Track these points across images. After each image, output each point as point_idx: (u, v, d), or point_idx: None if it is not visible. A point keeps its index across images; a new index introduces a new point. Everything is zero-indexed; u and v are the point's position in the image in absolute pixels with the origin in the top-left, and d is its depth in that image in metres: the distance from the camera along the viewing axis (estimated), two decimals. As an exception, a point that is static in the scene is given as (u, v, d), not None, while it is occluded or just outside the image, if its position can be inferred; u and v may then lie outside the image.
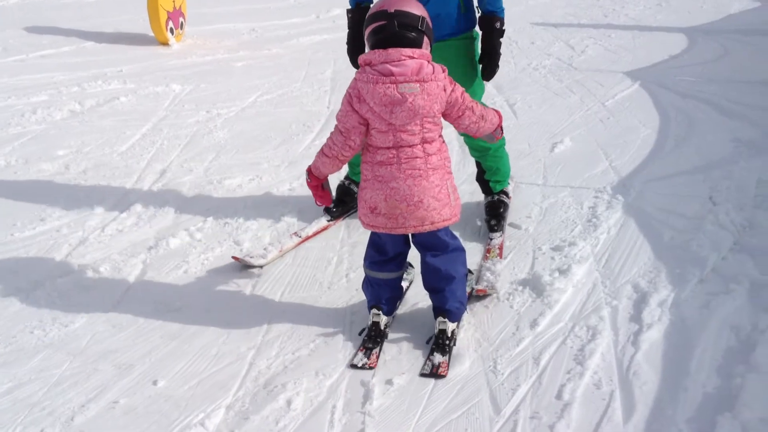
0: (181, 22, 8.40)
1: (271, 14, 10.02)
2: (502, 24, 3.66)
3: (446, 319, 3.02)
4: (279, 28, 9.19)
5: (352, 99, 2.81)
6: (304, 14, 10.05)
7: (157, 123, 5.72)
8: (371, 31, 2.80)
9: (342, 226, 4.09)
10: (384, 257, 3.08)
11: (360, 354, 2.99)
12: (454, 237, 3.10)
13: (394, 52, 2.70)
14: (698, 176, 4.58)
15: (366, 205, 2.92)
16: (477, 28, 3.74)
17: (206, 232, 4.05)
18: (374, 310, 3.09)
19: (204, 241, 3.96)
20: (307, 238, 3.97)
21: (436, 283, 3.06)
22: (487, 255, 3.74)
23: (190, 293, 3.47)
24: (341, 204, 4.18)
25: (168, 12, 8.04)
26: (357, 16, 3.75)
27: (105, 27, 8.83)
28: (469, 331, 3.13)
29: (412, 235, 3.03)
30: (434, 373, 2.88)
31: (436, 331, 3.03)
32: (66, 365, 2.93)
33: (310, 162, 3.12)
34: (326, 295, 3.44)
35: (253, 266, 3.68)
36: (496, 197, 4.10)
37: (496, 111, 3.12)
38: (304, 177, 4.61)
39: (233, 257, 3.73)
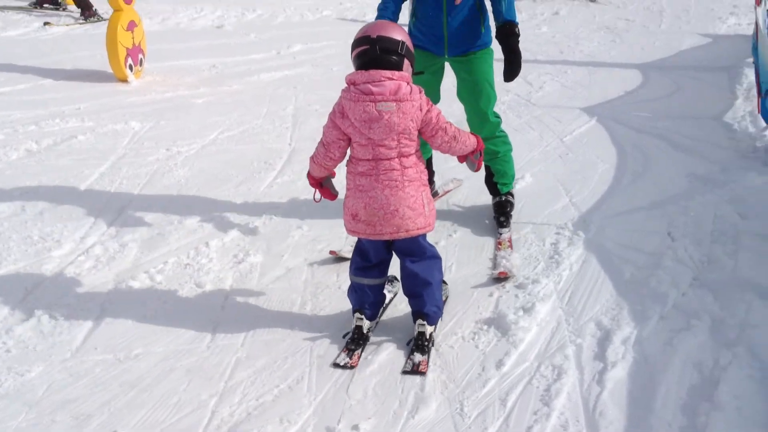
0: (141, 59, 8.34)
1: (232, 50, 10.01)
2: (518, 30, 4.14)
3: (425, 322, 3.26)
4: (239, 64, 9.18)
5: (336, 115, 3.14)
6: (264, 50, 10.05)
7: (116, 161, 5.65)
8: (356, 55, 3.11)
9: (305, 267, 4.06)
10: (367, 263, 3.33)
11: (343, 354, 3.23)
12: (432, 245, 3.38)
13: (375, 74, 3.02)
14: (656, 212, 4.65)
15: (348, 212, 3.21)
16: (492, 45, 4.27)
17: (167, 274, 3.99)
18: (357, 314, 3.34)
19: (164, 283, 3.90)
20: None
21: (414, 288, 3.29)
22: (499, 247, 4.20)
23: (150, 339, 3.40)
24: None
25: (127, 48, 7.98)
26: None
27: (63, 64, 8.73)
28: (435, 372, 3.12)
29: (393, 242, 3.28)
30: (415, 370, 3.12)
31: (415, 333, 3.27)
32: (22, 416, 2.85)
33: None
34: (290, 338, 3.40)
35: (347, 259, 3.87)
36: (503, 197, 4.57)
37: (476, 136, 3.39)
38: (266, 215, 4.65)
39: (331, 252, 4.11)
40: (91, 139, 6.16)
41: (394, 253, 3.36)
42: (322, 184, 3.45)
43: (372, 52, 3.04)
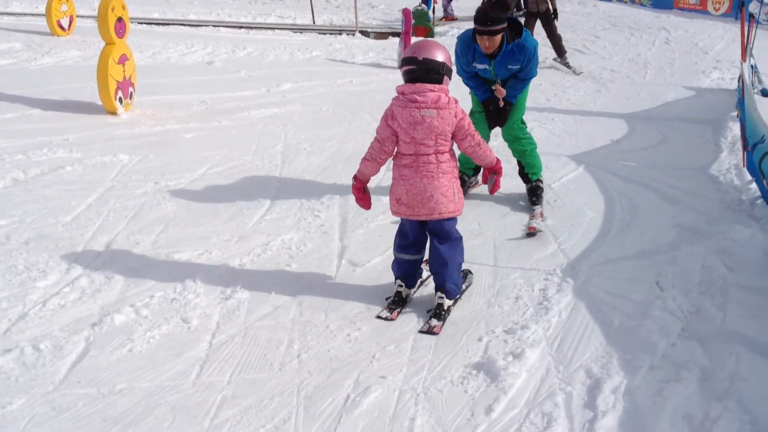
0: (131, 92, 8.34)
1: (222, 86, 10.05)
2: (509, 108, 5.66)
3: (444, 296, 3.92)
4: (229, 100, 9.20)
5: (387, 117, 3.84)
6: (254, 87, 10.10)
7: (104, 193, 5.61)
8: (405, 72, 3.81)
9: (293, 305, 4.03)
10: (406, 242, 4.05)
11: (385, 311, 3.97)
12: (458, 231, 4.04)
13: (420, 86, 3.73)
14: (644, 261, 4.67)
15: (393, 197, 3.93)
16: None
17: (153, 308, 3.94)
18: (399, 282, 4.08)
19: (150, 317, 3.85)
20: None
21: (438, 266, 3.95)
22: (533, 216, 5.37)
23: (134, 374, 3.35)
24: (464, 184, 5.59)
25: (117, 81, 7.98)
26: None
27: (52, 95, 8.71)
28: (424, 416, 3.09)
29: (427, 224, 3.95)
30: (430, 331, 3.78)
31: (435, 304, 3.93)
32: (1, 451, 2.78)
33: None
34: (277, 377, 3.36)
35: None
36: (533, 183, 5.75)
37: (497, 159, 4.11)
38: (254, 252, 4.62)
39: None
40: (79, 170, 6.12)
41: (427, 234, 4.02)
42: (364, 190, 4.06)
43: (418, 71, 3.74)
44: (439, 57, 3.76)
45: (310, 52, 13.68)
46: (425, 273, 4.34)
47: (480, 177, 5.86)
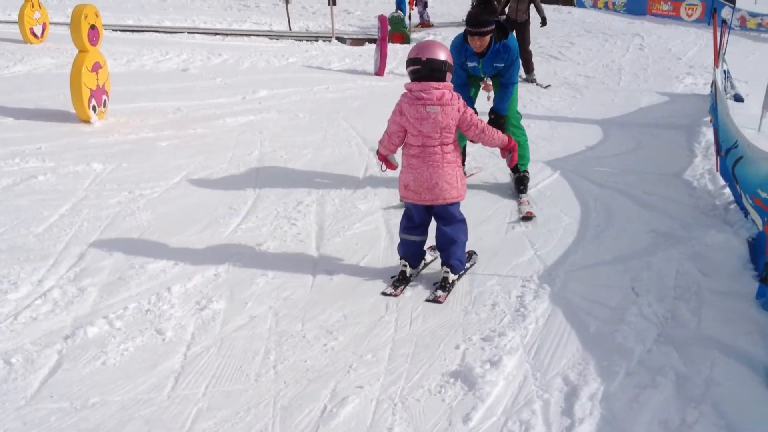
0: (104, 100, 8.27)
1: (197, 94, 9.99)
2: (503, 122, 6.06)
3: (449, 270, 4.33)
4: (205, 107, 9.15)
5: (396, 113, 4.22)
6: (230, 95, 10.06)
7: (77, 203, 5.54)
8: (410, 71, 4.18)
9: (269, 315, 4.00)
10: (412, 224, 4.42)
11: (390, 288, 4.29)
12: (461, 213, 4.42)
13: (425, 85, 4.10)
14: (619, 266, 4.69)
15: (402, 183, 4.32)
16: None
17: (127, 320, 3.89)
18: (403, 262, 4.42)
19: (124, 329, 3.80)
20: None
21: (444, 244, 4.37)
22: (521, 203, 5.88)
23: (108, 387, 3.30)
24: None
25: (91, 89, 7.91)
26: None
27: (24, 103, 8.61)
28: (402, 426, 3.07)
29: (432, 208, 4.33)
30: (435, 300, 4.19)
31: (441, 277, 4.36)
32: (-30, 468, 2.72)
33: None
34: (253, 388, 3.33)
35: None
36: (522, 174, 6.23)
37: (509, 137, 4.49)
38: (230, 261, 4.59)
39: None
40: (52, 179, 6.04)
41: (433, 217, 4.41)
42: (387, 158, 4.45)
43: (423, 71, 4.10)
44: (442, 56, 4.12)
45: (287, 58, 13.66)
46: (429, 257, 4.71)
47: (468, 170, 6.56)
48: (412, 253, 4.44)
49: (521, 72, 11.59)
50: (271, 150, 7.30)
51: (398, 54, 14.60)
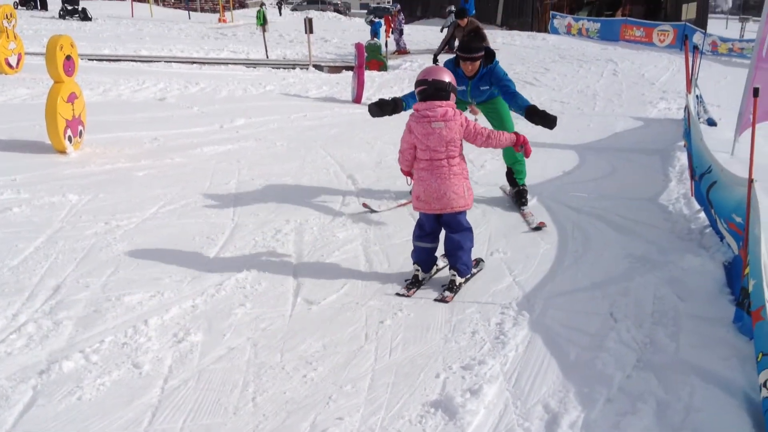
0: (80, 130, 8.23)
1: (174, 123, 9.98)
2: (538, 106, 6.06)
3: (456, 274, 4.75)
4: (182, 137, 9.13)
5: (406, 132, 4.71)
6: (207, 123, 10.05)
7: (52, 235, 5.49)
8: (418, 92, 4.68)
9: (248, 347, 3.96)
10: (424, 233, 4.85)
11: (403, 290, 4.72)
12: (468, 222, 4.83)
13: (430, 104, 4.58)
14: (597, 292, 4.71)
15: (414, 195, 4.78)
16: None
17: (103, 353, 3.83)
18: (416, 266, 4.87)
19: (100, 363, 3.74)
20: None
21: (452, 250, 4.78)
22: (525, 216, 6.30)
23: (84, 423, 3.24)
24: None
25: (66, 120, 7.87)
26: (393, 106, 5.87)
27: (-1, 133, 8.55)
28: (382, 458, 3.04)
29: (441, 216, 4.74)
30: (443, 299, 4.60)
31: (449, 280, 4.76)
32: None
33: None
34: (232, 422, 3.29)
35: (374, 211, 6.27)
36: (520, 187, 6.73)
37: (516, 134, 4.97)
38: (208, 292, 4.55)
39: (363, 204, 6.46)
40: (27, 211, 5.98)
41: (442, 225, 4.82)
42: (410, 173, 4.89)
43: (429, 90, 4.60)
44: (446, 78, 4.63)
45: (264, 86, 13.70)
46: (441, 263, 5.08)
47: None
48: (423, 259, 4.87)
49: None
50: (249, 179, 7.29)
51: (375, 81, 14.69)
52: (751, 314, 3.74)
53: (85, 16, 31.57)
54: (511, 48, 21.47)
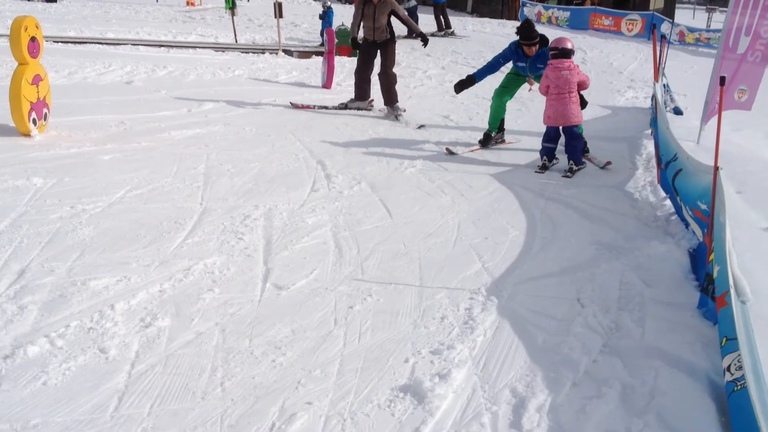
0: (45, 113, 8.08)
1: (141, 106, 9.84)
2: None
3: (573, 163, 7.43)
4: (149, 120, 9.01)
5: (544, 77, 7.48)
6: (175, 107, 9.93)
7: (16, 219, 5.39)
8: (551, 54, 7.47)
9: (216, 332, 3.94)
10: (549, 138, 7.57)
11: (540, 170, 7.48)
12: (579, 132, 7.50)
13: (560, 61, 7.37)
14: (565, 278, 4.76)
15: (546, 115, 7.51)
16: None
17: (68, 338, 3.78)
18: (545, 158, 7.56)
19: (66, 348, 3.69)
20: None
21: (570, 149, 7.47)
22: (591, 160, 8.06)
23: (49, 408, 3.20)
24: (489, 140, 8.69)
25: (31, 102, 7.72)
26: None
27: (-40, 115, 8.37)
28: (351, 442, 3.05)
29: (563, 128, 7.45)
30: (566, 175, 7.34)
31: (567, 167, 7.42)
32: None
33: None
34: (200, 407, 3.27)
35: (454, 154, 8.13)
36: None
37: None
38: (176, 277, 4.51)
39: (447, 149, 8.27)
40: (-10, 194, 5.87)
41: (562, 133, 7.53)
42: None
43: (558, 53, 7.43)
44: (568, 45, 7.47)
45: (233, 71, 13.57)
46: (555, 160, 7.71)
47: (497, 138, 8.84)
48: (548, 154, 7.56)
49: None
50: (217, 163, 7.23)
51: (345, 66, 14.62)
52: (715, 300, 3.80)
53: (50, -3, 30.95)
54: (481, 35, 21.51)
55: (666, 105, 9.73)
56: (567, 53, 7.35)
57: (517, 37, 8.14)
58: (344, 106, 10.53)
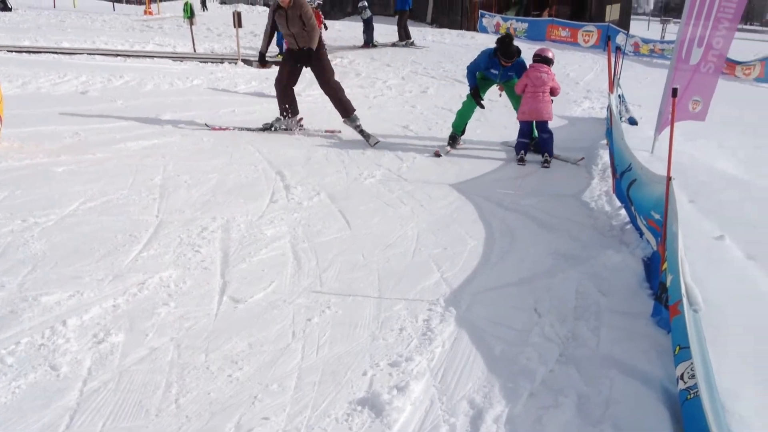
0: (-3, 124, 7.92)
1: (97, 117, 9.68)
2: None
3: (547, 154, 8.42)
4: (105, 131, 8.88)
5: (524, 77, 8.50)
6: (131, 118, 9.78)
7: (-35, 233, 5.27)
8: (534, 60, 8.59)
9: (171, 347, 3.88)
10: (523, 133, 8.57)
11: (520, 163, 8.43)
12: (549, 128, 8.55)
13: (540, 65, 8.50)
14: (523, 288, 4.78)
15: (521, 111, 8.56)
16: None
17: (19, 355, 3.70)
18: (521, 153, 8.49)
19: (16, 366, 3.61)
20: None
21: (542, 142, 8.49)
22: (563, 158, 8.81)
23: (-3, 428, 3.13)
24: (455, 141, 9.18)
25: (-18, 113, 7.57)
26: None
27: None
28: (308, 457, 3.02)
29: (537, 123, 8.53)
30: (543, 165, 8.33)
31: (542, 159, 8.42)
32: None
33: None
34: (153, 424, 3.21)
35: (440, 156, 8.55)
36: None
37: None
38: (130, 292, 4.43)
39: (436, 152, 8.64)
40: (-62, 207, 5.72)
41: (535, 129, 8.61)
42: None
43: (539, 59, 8.56)
44: (550, 55, 8.62)
45: (191, 80, 13.45)
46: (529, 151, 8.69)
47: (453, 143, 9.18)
48: (523, 148, 8.51)
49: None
50: (174, 174, 7.14)
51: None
52: (668, 308, 3.85)
53: (4, 6, 30.47)
54: (441, 46, 21.63)
55: (621, 115, 9.87)
56: (548, 61, 8.54)
57: (493, 45, 8.66)
58: (270, 127, 9.59)
